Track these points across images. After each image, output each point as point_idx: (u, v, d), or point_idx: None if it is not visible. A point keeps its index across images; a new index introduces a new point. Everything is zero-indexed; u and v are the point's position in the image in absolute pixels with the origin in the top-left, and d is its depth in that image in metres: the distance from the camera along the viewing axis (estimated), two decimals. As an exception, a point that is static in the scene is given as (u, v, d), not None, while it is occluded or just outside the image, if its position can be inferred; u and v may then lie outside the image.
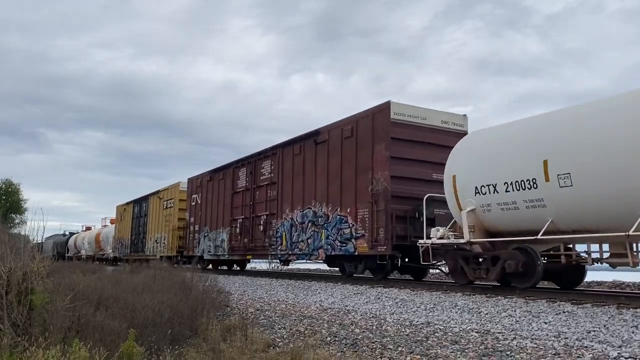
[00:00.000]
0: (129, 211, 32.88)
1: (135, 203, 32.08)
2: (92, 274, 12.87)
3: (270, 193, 16.88)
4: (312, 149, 14.78)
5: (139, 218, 30.63)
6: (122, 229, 33.98)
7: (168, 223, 25.41)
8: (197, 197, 22.79)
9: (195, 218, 22.65)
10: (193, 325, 7.73)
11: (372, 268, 12.85)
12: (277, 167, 16.61)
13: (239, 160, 19.56)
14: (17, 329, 5.52)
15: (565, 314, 7.05)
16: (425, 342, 6.42)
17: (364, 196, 12.50)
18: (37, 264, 6.31)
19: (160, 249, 26.18)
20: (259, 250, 17.31)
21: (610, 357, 5.10)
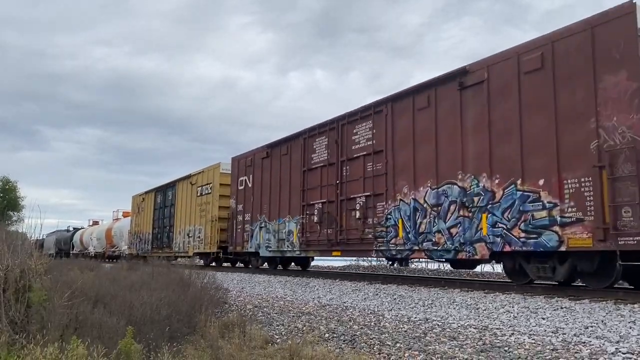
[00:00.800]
0: (150, 201, 28.51)
1: (157, 191, 27.67)
2: (89, 271, 12.85)
3: (371, 166, 12.52)
4: (454, 96, 10.46)
5: (163, 209, 26.41)
6: (141, 222, 29.61)
7: (204, 213, 21.30)
8: (246, 180, 18.39)
9: (246, 205, 18.28)
10: (191, 322, 7.73)
11: (588, 272, 8.47)
12: (383, 130, 12.22)
13: (313, 128, 14.96)
14: (15, 326, 5.51)
15: (563, 309, 7.07)
16: (424, 339, 6.43)
17: (578, 158, 8.21)
18: (35, 262, 6.30)
19: (194, 245, 22.19)
20: (355, 244, 12.86)
21: (608, 352, 5.12)
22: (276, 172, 16.58)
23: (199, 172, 22.70)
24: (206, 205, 21.30)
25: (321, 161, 14.47)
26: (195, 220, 22.18)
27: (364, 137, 12.95)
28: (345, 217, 13.23)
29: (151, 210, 27.99)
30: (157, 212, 27.16)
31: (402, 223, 11.39)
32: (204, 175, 22.17)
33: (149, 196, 28.76)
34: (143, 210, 29.42)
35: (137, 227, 30.40)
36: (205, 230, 21.01)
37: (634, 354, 4.98)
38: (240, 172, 18.89)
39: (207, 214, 20.96)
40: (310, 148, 15.00)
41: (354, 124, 13.29)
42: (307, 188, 14.93)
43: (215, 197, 20.68)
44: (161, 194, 27.09)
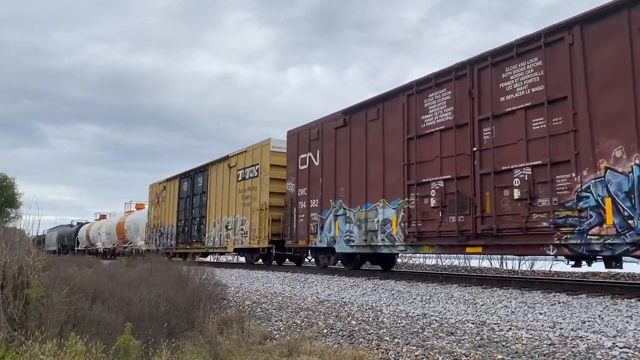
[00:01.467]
0: (173, 189, 24.77)
1: (183, 178, 23.93)
2: (88, 268, 12.85)
3: (542, 123, 8.78)
4: None
5: (191, 197, 22.73)
6: (162, 213, 25.83)
7: (249, 201, 17.65)
8: (310, 157, 14.60)
9: (311, 189, 14.47)
10: (190, 319, 7.74)
11: None
12: (565, 69, 8.57)
13: (425, 79, 11.13)
14: (14, 323, 5.51)
15: (561, 304, 7.10)
16: (422, 334, 6.45)
17: None
18: (33, 258, 6.30)
19: (234, 239, 18.43)
20: (513, 236, 9.11)
21: (605, 347, 5.14)
22: (359, 144, 12.81)
23: (239, 152, 18.86)
24: (251, 191, 17.60)
25: (440, 123, 10.70)
26: (236, 210, 18.41)
27: (523, 81, 9.26)
28: (491, 198, 9.48)
29: (175, 200, 24.14)
30: (183, 202, 23.32)
31: (613, 203, 7.73)
32: (247, 155, 18.28)
33: (171, 184, 24.85)
34: (164, 200, 25.52)
35: (156, 219, 26.49)
36: (251, 221, 17.25)
37: (630, 349, 5.01)
38: (301, 148, 14.93)
39: (253, 202, 17.26)
40: (420, 107, 11.20)
41: (501, 66, 9.59)
42: (416, 162, 11.11)
43: (264, 181, 16.89)
44: (188, 181, 23.23)
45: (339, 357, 5.70)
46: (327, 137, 14.02)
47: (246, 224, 17.78)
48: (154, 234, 26.64)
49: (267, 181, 16.90)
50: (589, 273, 14.12)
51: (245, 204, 18.00)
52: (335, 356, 5.73)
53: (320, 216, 14.00)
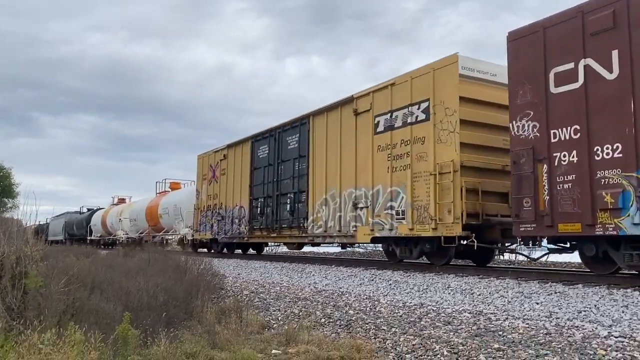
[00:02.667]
0: (240, 158, 18.42)
1: (259, 140, 17.33)
2: (86, 258, 12.86)
3: None
4: None
5: (276, 166, 16.13)
6: (222, 191, 19.60)
7: (406, 161, 11.11)
8: (589, 67, 7.84)
9: (595, 127, 7.75)
10: (188, 308, 7.77)
11: None
12: None
13: None
14: (12, 312, 5.52)
15: (557, 294, 7.14)
16: (419, 323, 6.49)
17: None
18: (31, 248, 6.30)
19: (374, 222, 11.76)
20: None
21: (601, 336, 5.18)
22: None
23: (379, 88, 12.09)
24: (411, 145, 10.98)
25: None
26: (376, 178, 11.90)
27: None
28: None
29: (245, 172, 17.92)
30: (261, 173, 16.92)
31: None
32: (397, 90, 11.52)
33: (237, 151, 18.73)
34: (224, 173, 19.50)
35: (211, 199, 20.31)
36: (414, 193, 10.78)
37: (626, 338, 5.05)
38: (553, 58, 8.31)
39: (418, 163, 10.79)
40: None
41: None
42: None
43: (447, 126, 10.19)
44: (269, 143, 16.64)
45: (336, 346, 5.73)
46: None
47: (401, 199, 11.09)
48: (209, 218, 20.37)
49: (453, 125, 10.06)
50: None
51: (398, 167, 11.30)
52: (333, 345, 5.77)
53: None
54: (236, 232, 18.23)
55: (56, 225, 45.88)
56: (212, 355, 5.56)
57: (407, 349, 5.48)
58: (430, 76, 10.67)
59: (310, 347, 5.70)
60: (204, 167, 21.60)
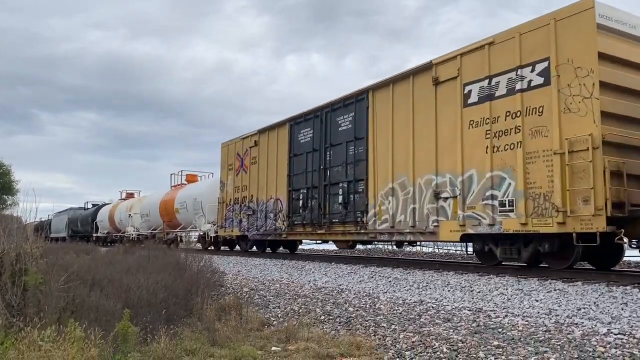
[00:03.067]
0: (276, 144, 16.03)
1: (299, 123, 14.92)
2: (86, 255, 12.87)
3: None
4: None
5: (322, 151, 13.82)
6: (252, 182, 17.18)
7: (516, 137, 8.82)
8: None
9: None
10: (188, 305, 7.78)
11: None
12: None
13: None
14: (12, 309, 5.53)
15: (556, 291, 7.15)
16: (418, 320, 6.50)
17: None
18: (31, 245, 6.30)
19: (466, 216, 9.55)
20: None
21: (600, 333, 5.19)
22: None
23: (475, 47, 9.76)
24: (523, 118, 8.73)
25: None
26: (466, 160, 9.69)
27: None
28: None
29: (282, 160, 15.44)
30: (303, 160, 14.52)
31: None
32: (501, 49, 9.30)
33: (271, 136, 16.20)
34: (255, 162, 17.06)
35: (239, 192, 17.98)
36: (527, 178, 8.59)
37: (625, 335, 5.06)
38: None
39: (532, 140, 8.58)
40: None
41: None
42: None
43: (577, 91, 8.03)
44: (313, 125, 14.22)
45: (336, 343, 5.74)
46: None
47: (507, 186, 8.90)
48: (236, 213, 18.00)
49: (589, 90, 7.84)
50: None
51: (501, 146, 9.05)
52: (333, 342, 5.78)
53: None
54: (271, 228, 15.76)
55: (59, 221, 44.33)
56: (211, 352, 5.57)
57: (407, 346, 5.49)
58: (549, 29, 8.42)
59: (310, 344, 5.71)
60: (229, 155, 19.03)
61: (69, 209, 43.31)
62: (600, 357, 4.55)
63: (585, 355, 4.62)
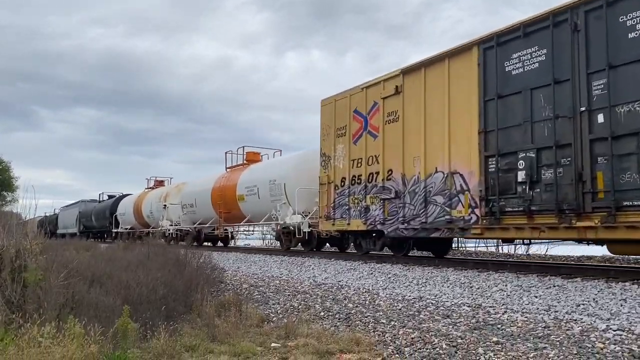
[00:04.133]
0: (450, 81, 10.17)
1: (501, 42, 9.18)
2: (85, 251, 12.88)
3: None
4: None
5: (573, 83, 7.97)
6: (389, 150, 11.63)
7: None
8: None
9: None
10: (187, 302, 7.78)
11: None
12: None
13: None
14: (12, 306, 5.53)
15: (556, 288, 7.16)
16: (418, 316, 6.51)
17: None
18: (30, 242, 6.30)
19: None
20: None
21: (599, 329, 5.20)
22: None
23: None
24: None
25: None
26: None
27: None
28: None
29: (463, 107, 9.96)
30: (517, 105, 8.92)
31: None
32: None
33: (428, 77, 10.84)
34: (399, 119, 11.45)
35: (360, 167, 12.52)
36: None
37: (624, 331, 5.06)
38: None
39: None
40: None
41: None
42: None
43: None
44: (546, 41, 8.48)
45: (335, 339, 5.75)
46: None
47: None
48: (356, 198, 12.52)
49: None
50: (584, 257, 14.22)
51: None
52: (332, 339, 5.78)
53: None
54: (438, 218, 10.28)
55: (68, 216, 40.18)
56: (211, 348, 5.58)
57: (406, 342, 5.50)
58: None
59: (310, 341, 5.71)
60: (337, 116, 13.29)
61: (80, 201, 38.90)
62: (599, 353, 4.56)
63: (584, 352, 4.63)
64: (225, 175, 20.22)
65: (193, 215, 22.22)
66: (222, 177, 20.34)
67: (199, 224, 21.65)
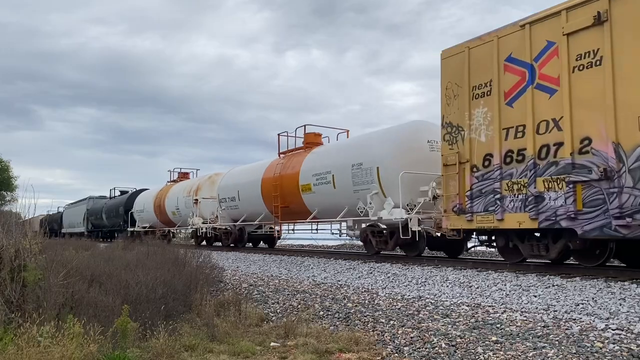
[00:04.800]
0: None
1: None
2: (85, 251, 12.88)
3: None
4: None
5: None
6: (588, 109, 7.66)
7: None
8: None
9: None
10: (187, 301, 7.79)
11: None
12: None
13: None
14: (11, 305, 5.53)
15: (555, 287, 7.17)
16: (417, 316, 6.51)
17: None
18: (30, 241, 6.30)
19: None
20: None
21: (598, 329, 5.20)
22: None
23: None
24: None
25: None
26: None
27: None
28: None
29: None
30: None
31: None
32: None
33: None
34: (598, 63, 7.60)
35: (519, 137, 8.73)
36: None
37: (623, 330, 5.07)
38: None
39: None
40: None
41: None
42: None
43: None
44: None
45: (335, 339, 5.75)
46: None
47: None
48: (515, 183, 8.75)
49: None
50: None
51: None
52: (332, 338, 5.79)
53: None
54: None
55: (73, 214, 37.58)
56: (211, 347, 5.58)
57: (406, 342, 5.50)
58: None
59: (309, 340, 5.72)
60: (475, 69, 9.69)
61: (88, 198, 35.35)
62: (598, 353, 4.56)
63: (583, 351, 4.63)
64: (281, 162, 16.32)
65: (235, 211, 18.52)
66: (277, 164, 16.45)
67: (241, 220, 18.30)
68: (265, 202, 16.56)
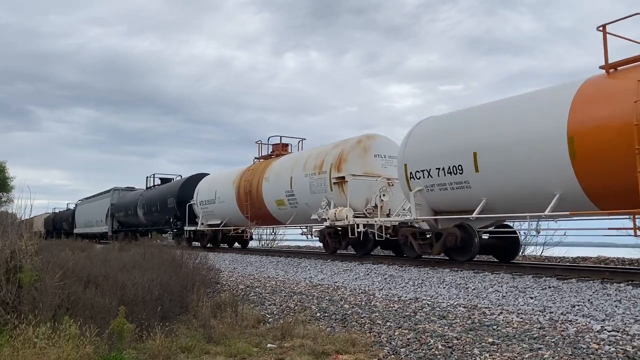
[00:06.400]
0: None
1: None
2: (81, 252, 12.83)
3: None
4: None
5: None
6: None
7: None
8: None
9: None
10: (183, 302, 7.77)
11: None
12: None
13: None
14: (7, 306, 5.51)
15: (551, 289, 7.18)
16: (414, 317, 6.52)
17: None
18: (26, 242, 6.28)
19: None
20: None
21: (594, 330, 5.22)
22: None
23: None
24: None
25: None
26: None
27: None
28: None
29: None
30: None
31: None
32: None
33: None
34: None
35: None
36: None
37: (619, 332, 5.08)
38: None
39: None
40: None
41: None
42: None
43: None
44: None
45: (331, 340, 5.75)
46: None
47: None
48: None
49: None
50: (579, 258, 14.27)
51: None
52: (328, 339, 5.79)
53: None
54: None
55: (90, 211, 29.89)
56: (207, 349, 5.57)
57: (402, 343, 5.51)
58: None
59: (306, 341, 5.72)
60: None
61: (112, 190, 27.87)
62: (594, 354, 4.58)
63: (579, 352, 4.65)
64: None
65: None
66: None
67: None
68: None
